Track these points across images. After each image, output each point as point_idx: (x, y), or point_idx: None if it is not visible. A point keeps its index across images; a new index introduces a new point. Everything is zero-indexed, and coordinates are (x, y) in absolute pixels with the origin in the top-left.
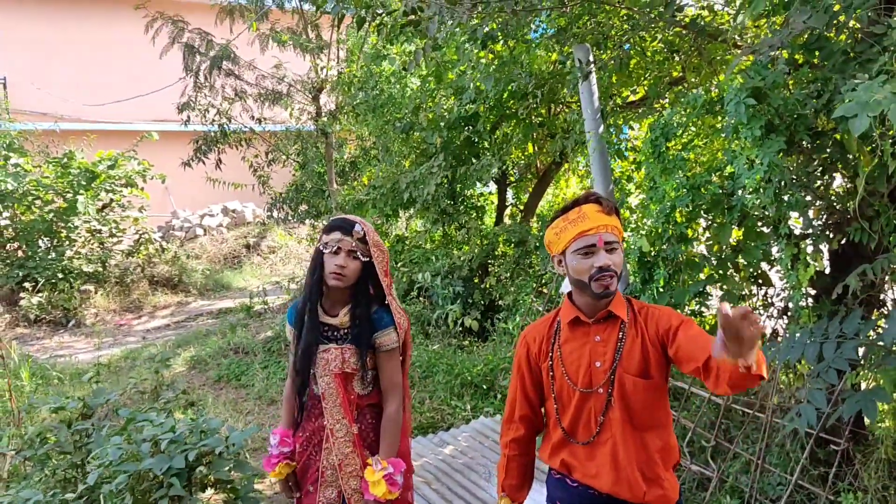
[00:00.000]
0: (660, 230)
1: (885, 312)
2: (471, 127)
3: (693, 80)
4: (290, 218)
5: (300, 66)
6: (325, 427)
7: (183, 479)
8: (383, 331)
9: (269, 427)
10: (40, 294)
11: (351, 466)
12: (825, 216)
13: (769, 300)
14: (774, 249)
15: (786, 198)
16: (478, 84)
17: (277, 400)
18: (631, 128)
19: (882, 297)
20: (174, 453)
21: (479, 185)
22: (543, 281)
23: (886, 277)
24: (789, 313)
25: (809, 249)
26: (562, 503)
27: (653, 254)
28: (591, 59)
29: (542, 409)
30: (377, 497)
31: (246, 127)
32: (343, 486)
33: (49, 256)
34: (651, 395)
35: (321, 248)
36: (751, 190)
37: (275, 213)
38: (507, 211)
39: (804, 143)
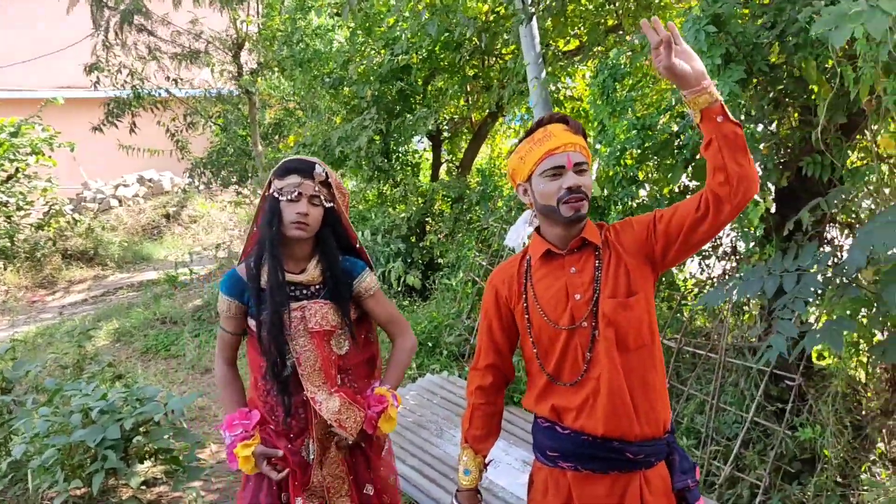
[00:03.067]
0: (610, 173)
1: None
2: (403, 80)
3: (629, 26)
4: (212, 184)
5: (218, 22)
6: (305, 398)
7: (119, 451)
8: (360, 276)
9: (209, 396)
10: None
11: (350, 420)
12: (774, 153)
13: (716, 241)
14: None
15: None
16: (410, 38)
17: (211, 368)
18: (569, 76)
19: (825, 234)
20: (108, 423)
21: (414, 139)
22: (484, 236)
23: (835, 211)
24: (738, 255)
25: None
26: (552, 452)
27: (604, 197)
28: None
29: (514, 359)
30: (380, 432)
31: (162, 89)
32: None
33: None
34: (637, 313)
35: (276, 195)
36: None
37: (195, 180)
38: (443, 168)
39: (761, 74)
